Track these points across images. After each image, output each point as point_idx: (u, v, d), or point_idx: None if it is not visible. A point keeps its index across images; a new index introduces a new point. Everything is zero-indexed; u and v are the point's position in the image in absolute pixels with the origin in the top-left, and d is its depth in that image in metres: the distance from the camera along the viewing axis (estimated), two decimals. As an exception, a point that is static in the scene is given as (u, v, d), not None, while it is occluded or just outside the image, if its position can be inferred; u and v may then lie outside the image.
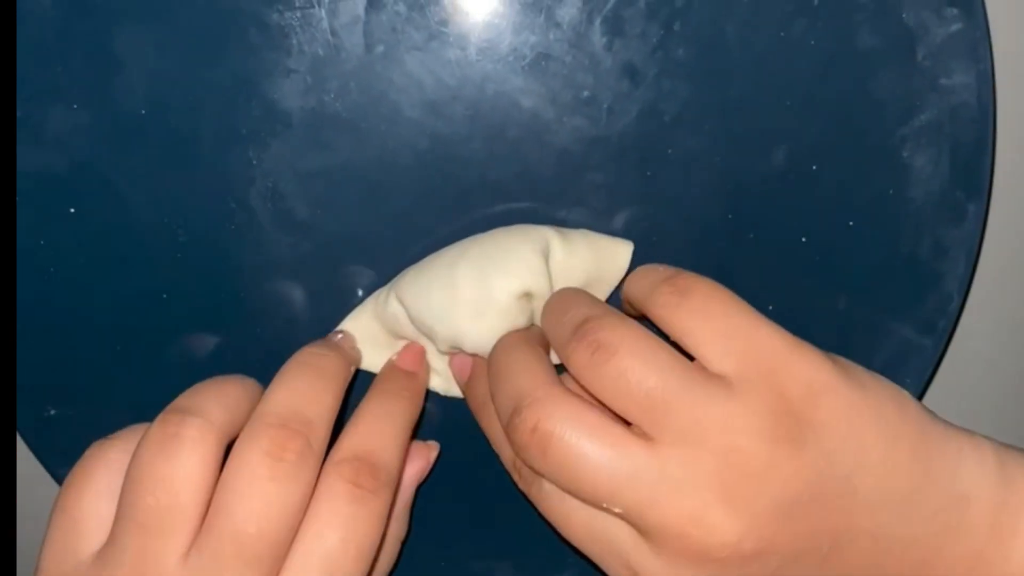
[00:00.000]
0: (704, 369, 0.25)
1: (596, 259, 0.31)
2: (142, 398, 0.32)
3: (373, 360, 0.32)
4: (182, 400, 0.26)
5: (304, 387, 0.27)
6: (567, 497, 0.26)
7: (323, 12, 0.30)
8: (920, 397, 0.33)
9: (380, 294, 0.32)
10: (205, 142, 0.31)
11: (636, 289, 0.28)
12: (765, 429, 0.25)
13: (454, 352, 0.31)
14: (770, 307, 0.32)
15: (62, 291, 0.32)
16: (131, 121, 0.31)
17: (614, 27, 0.31)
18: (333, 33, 0.30)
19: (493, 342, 0.29)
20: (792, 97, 0.31)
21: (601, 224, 0.32)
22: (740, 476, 0.24)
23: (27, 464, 0.33)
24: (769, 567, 0.25)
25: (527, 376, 0.27)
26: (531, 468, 0.26)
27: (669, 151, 0.31)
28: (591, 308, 0.27)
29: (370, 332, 0.32)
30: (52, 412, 0.32)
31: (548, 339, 0.29)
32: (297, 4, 0.30)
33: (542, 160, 0.31)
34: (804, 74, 0.31)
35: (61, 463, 0.33)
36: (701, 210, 0.32)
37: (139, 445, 0.25)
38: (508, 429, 0.26)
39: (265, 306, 0.32)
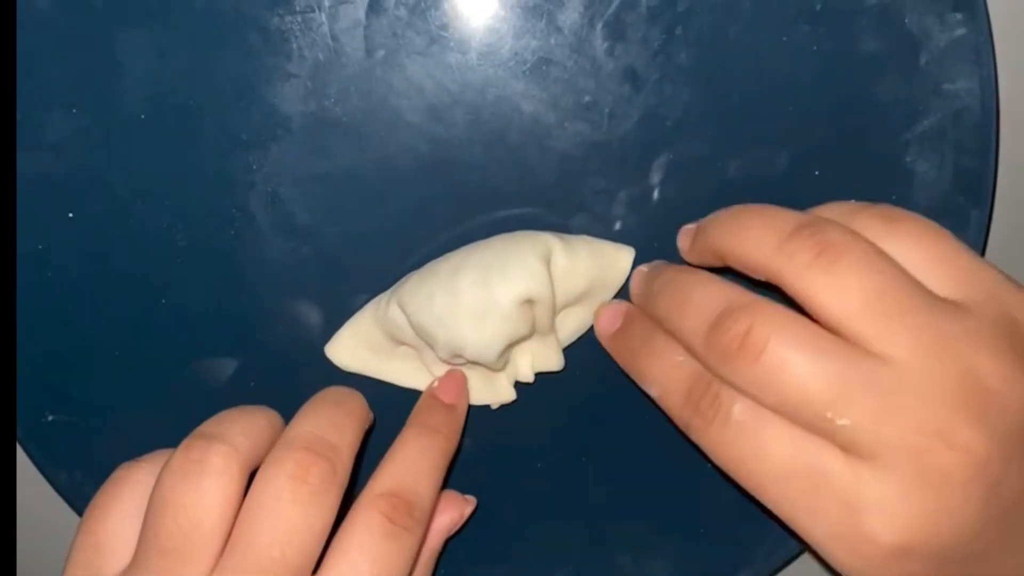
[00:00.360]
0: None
1: (598, 265, 0.31)
2: (141, 403, 0.32)
3: (372, 365, 0.32)
4: (207, 426, 0.26)
5: (327, 417, 0.27)
6: (766, 424, 0.24)
7: (323, 16, 0.30)
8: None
9: (381, 300, 0.31)
10: (205, 147, 0.31)
11: (827, 211, 0.26)
12: (1004, 348, 0.23)
13: (456, 361, 0.31)
14: (772, 313, 0.32)
15: (60, 296, 0.31)
16: (130, 125, 0.31)
17: (615, 31, 0.30)
18: (333, 37, 0.30)
19: (495, 349, 0.29)
20: (794, 102, 0.31)
21: (602, 229, 0.32)
22: (983, 393, 0.23)
23: (26, 470, 0.33)
24: (1007, 498, 0.23)
25: (727, 288, 0.25)
26: (735, 380, 0.24)
27: (671, 156, 0.31)
28: (815, 218, 0.25)
29: (370, 337, 0.32)
30: (50, 418, 0.32)
31: (731, 248, 0.27)
32: (297, 8, 0.30)
33: (543, 165, 0.31)
34: (806, 79, 0.31)
35: (59, 468, 0.32)
36: (703, 215, 0.31)
37: (163, 469, 0.25)
38: (710, 337, 0.24)
39: (265, 311, 0.32)
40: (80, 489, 0.32)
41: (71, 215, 0.31)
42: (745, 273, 0.27)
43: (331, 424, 0.27)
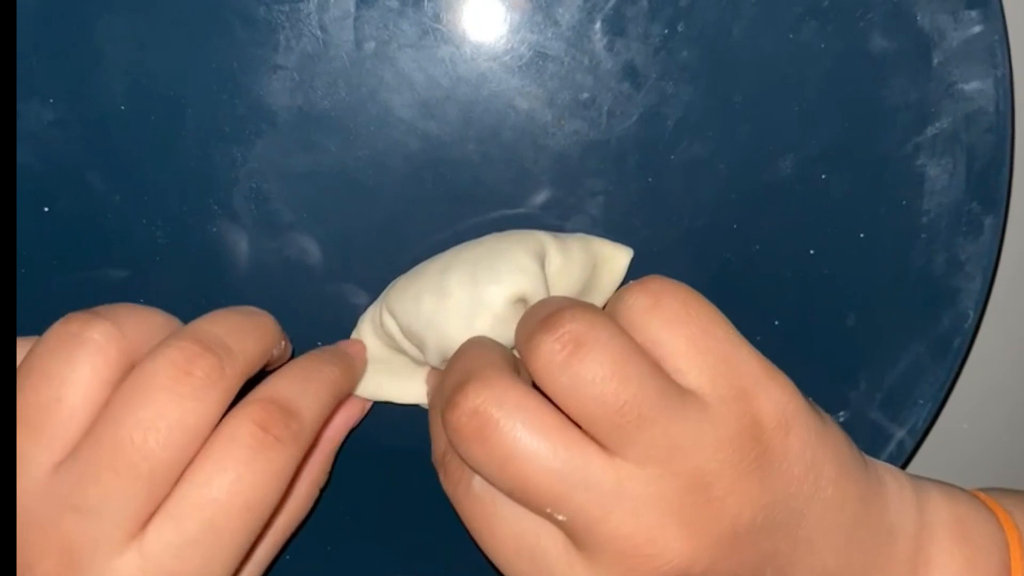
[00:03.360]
0: (676, 383, 0.24)
1: (594, 265, 0.30)
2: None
3: (395, 391, 0.31)
4: (101, 308, 0.24)
5: (231, 322, 0.25)
6: (499, 500, 0.24)
7: (312, 6, 0.29)
8: (933, 420, 0.32)
9: (374, 311, 0.30)
10: (187, 140, 0.30)
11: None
12: (734, 455, 0.23)
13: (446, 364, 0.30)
14: (776, 323, 0.31)
15: (34, 294, 0.30)
16: (109, 117, 0.30)
17: (615, 26, 0.29)
18: (322, 28, 0.29)
19: None
20: (801, 102, 0.30)
21: (599, 232, 0.31)
22: (702, 500, 0.23)
23: None
24: None
25: (480, 358, 0.25)
26: (465, 459, 0.24)
27: (672, 157, 0.30)
28: (569, 301, 0.25)
29: (380, 356, 0.30)
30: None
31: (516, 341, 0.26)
32: (285, -2, 0.29)
33: (539, 164, 0.30)
34: (813, 78, 0.30)
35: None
36: (704, 219, 0.31)
37: (40, 339, 0.23)
38: (445, 410, 0.24)
39: (247, 313, 0.31)
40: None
41: (46, 209, 0.30)
42: None
43: (233, 329, 0.25)
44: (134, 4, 0.29)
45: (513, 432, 0.23)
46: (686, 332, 0.24)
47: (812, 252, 0.31)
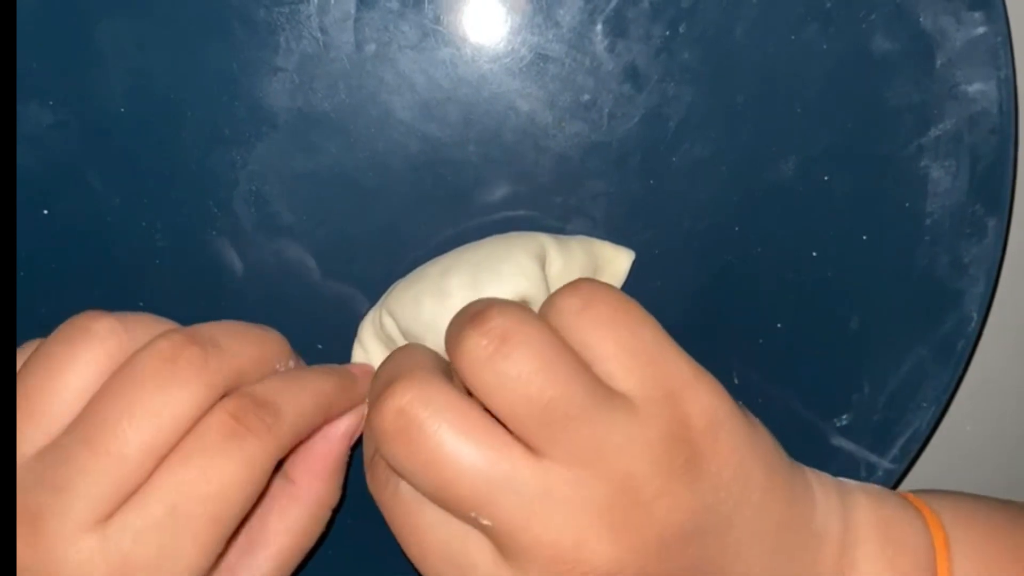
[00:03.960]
0: (606, 385, 0.23)
1: (595, 267, 0.29)
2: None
3: None
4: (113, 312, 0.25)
5: (228, 326, 0.25)
6: (425, 505, 0.24)
7: (312, 8, 0.29)
8: (937, 423, 0.32)
9: (375, 315, 0.30)
10: (187, 142, 0.30)
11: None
12: (663, 457, 0.23)
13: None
14: (778, 325, 0.31)
15: (32, 297, 0.30)
16: (109, 119, 0.29)
17: (617, 28, 0.29)
18: (322, 30, 0.29)
19: None
20: (803, 104, 0.30)
21: (600, 234, 0.30)
22: (630, 504, 0.23)
23: None
24: None
25: (410, 360, 0.25)
26: (389, 460, 0.23)
27: (673, 159, 0.30)
28: (498, 300, 0.25)
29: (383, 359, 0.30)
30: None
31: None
32: (285, -1, 0.29)
33: (540, 166, 0.30)
34: (816, 80, 0.30)
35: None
36: (706, 222, 0.30)
37: (54, 332, 0.24)
38: (371, 410, 0.23)
39: (247, 315, 0.31)
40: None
41: (46, 212, 0.30)
42: None
43: (229, 331, 0.25)
44: (134, 6, 0.29)
45: (438, 432, 0.22)
46: (615, 335, 0.24)
47: (814, 254, 0.31)
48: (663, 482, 0.23)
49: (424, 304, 0.28)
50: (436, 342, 0.28)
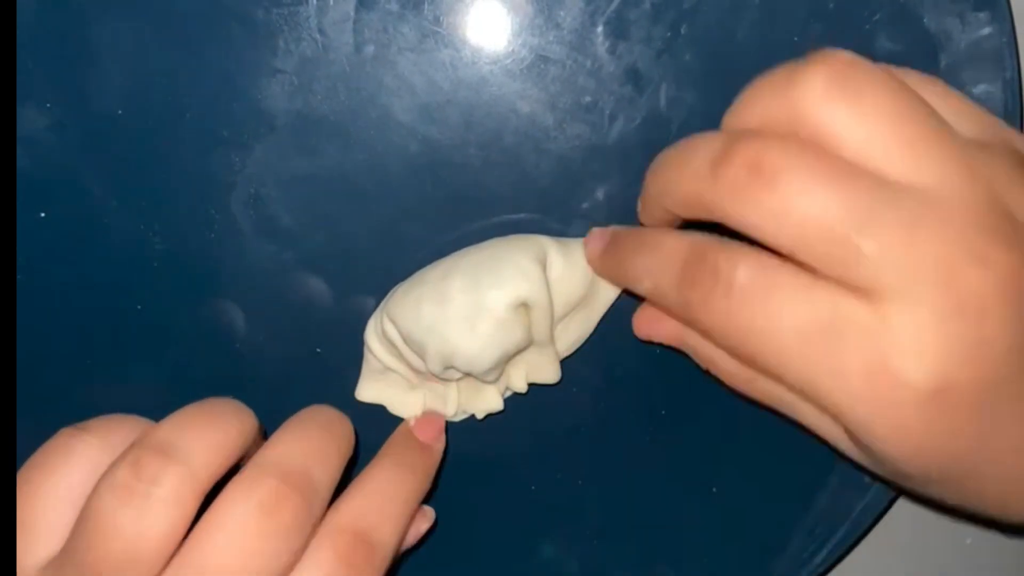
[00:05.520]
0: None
1: (596, 271, 0.29)
2: (112, 412, 0.31)
3: (395, 402, 0.30)
4: (164, 431, 0.23)
5: (312, 442, 0.24)
6: (777, 282, 0.22)
7: (311, 9, 0.29)
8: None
9: (375, 321, 0.30)
10: (184, 145, 0.29)
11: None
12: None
13: (448, 374, 0.29)
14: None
15: (28, 300, 0.30)
16: (106, 121, 0.29)
17: (618, 29, 0.29)
18: (321, 31, 0.29)
19: (488, 356, 0.27)
20: (806, 106, 0.29)
21: (602, 237, 0.30)
22: (1013, 221, 0.21)
23: None
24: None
25: (723, 137, 0.23)
26: (744, 219, 0.22)
27: (675, 161, 0.30)
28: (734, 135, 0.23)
29: (388, 364, 0.30)
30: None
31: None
32: (284, 1, 0.29)
33: (540, 168, 0.30)
34: (819, 81, 0.29)
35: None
36: (708, 224, 0.30)
37: (104, 479, 0.22)
38: (717, 169, 0.22)
39: (245, 318, 0.31)
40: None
41: (43, 215, 0.30)
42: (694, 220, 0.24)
43: (315, 452, 0.24)
44: (131, 7, 0.29)
45: (803, 171, 0.21)
46: (937, 97, 0.23)
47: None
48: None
49: (424, 308, 0.28)
50: (437, 346, 0.28)
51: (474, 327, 0.27)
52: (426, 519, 0.28)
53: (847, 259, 0.21)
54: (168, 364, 0.31)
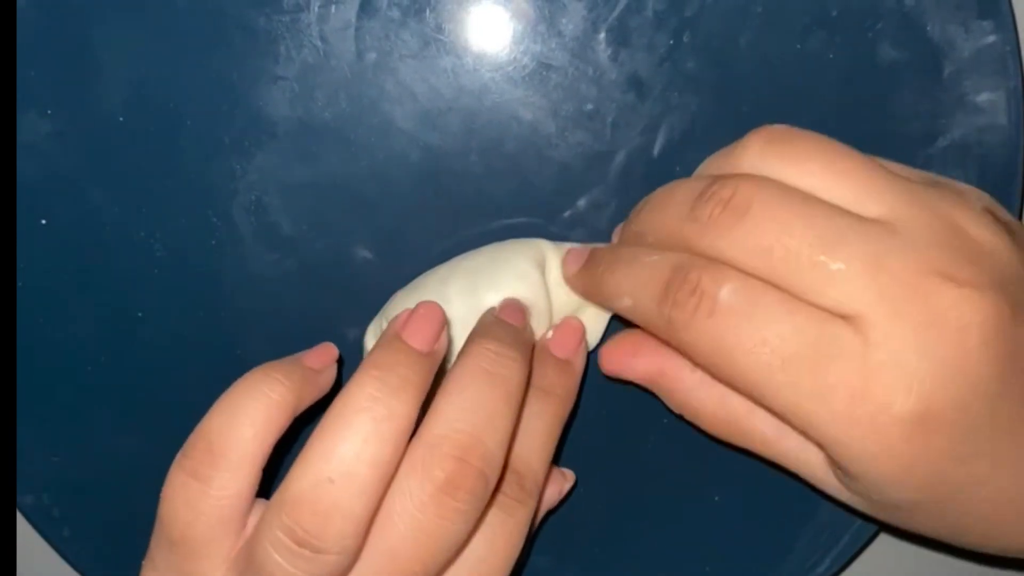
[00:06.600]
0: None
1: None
2: (112, 420, 0.31)
3: None
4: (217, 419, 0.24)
5: (481, 405, 0.23)
6: (760, 303, 0.22)
7: (313, 17, 0.29)
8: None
9: (375, 327, 0.30)
10: (186, 152, 0.29)
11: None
12: (979, 209, 0.23)
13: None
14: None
15: (30, 307, 0.30)
16: (108, 128, 0.29)
17: (620, 37, 0.29)
18: (323, 39, 0.29)
19: None
20: (808, 114, 0.29)
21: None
22: (972, 241, 0.22)
23: None
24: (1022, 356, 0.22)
25: (705, 178, 0.25)
26: (719, 252, 0.23)
27: (677, 168, 0.30)
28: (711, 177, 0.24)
29: None
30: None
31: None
32: (285, 8, 0.29)
33: (542, 176, 0.30)
34: (821, 89, 0.29)
35: (25, 489, 0.31)
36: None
37: (173, 467, 0.23)
38: (693, 210, 0.23)
39: (246, 326, 0.31)
40: (47, 510, 0.31)
41: (44, 222, 0.30)
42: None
43: (486, 417, 0.23)
44: (133, 14, 0.29)
45: (772, 202, 0.22)
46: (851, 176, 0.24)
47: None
48: (990, 226, 0.23)
49: (423, 314, 0.28)
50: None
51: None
52: (568, 481, 0.29)
53: (817, 282, 0.22)
54: (169, 371, 0.31)
